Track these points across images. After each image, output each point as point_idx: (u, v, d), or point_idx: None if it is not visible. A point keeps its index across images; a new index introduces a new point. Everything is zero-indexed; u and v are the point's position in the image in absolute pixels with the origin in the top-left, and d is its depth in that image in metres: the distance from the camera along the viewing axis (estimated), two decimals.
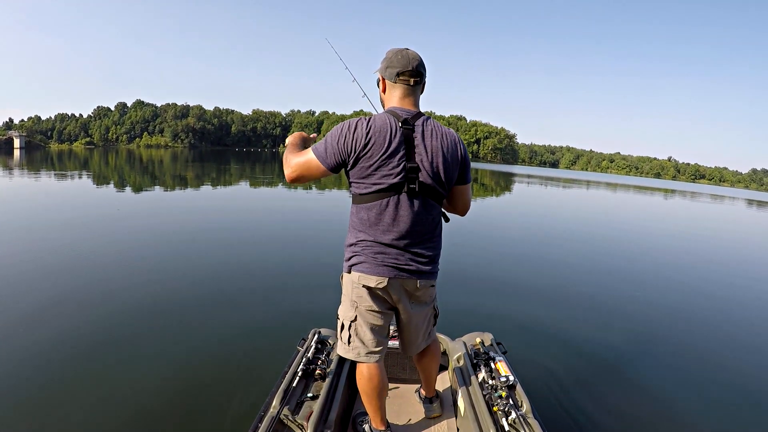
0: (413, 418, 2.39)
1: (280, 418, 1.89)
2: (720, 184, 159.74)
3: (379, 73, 1.89)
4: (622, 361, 4.07)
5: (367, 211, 1.81)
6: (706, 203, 33.70)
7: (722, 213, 25.63)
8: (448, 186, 1.87)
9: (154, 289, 5.09)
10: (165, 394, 3.06)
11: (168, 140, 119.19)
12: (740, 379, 3.85)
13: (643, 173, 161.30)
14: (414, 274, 1.87)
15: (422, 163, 1.78)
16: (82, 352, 3.52)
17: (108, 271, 5.70)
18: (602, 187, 42.35)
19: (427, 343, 2.15)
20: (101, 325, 4.03)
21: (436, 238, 1.93)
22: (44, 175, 19.76)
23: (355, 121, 1.78)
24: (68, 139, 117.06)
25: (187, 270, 5.96)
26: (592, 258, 8.41)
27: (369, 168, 1.75)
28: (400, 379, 2.73)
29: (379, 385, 1.99)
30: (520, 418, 1.85)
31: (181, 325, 4.18)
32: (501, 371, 2.20)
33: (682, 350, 4.40)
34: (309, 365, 2.25)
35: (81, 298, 4.66)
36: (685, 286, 7.03)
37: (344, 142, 1.75)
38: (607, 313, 5.33)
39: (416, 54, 1.85)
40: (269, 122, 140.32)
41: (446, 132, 1.85)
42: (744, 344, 4.67)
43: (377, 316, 1.92)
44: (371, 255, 1.84)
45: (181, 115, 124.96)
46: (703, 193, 55.42)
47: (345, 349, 1.98)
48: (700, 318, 5.45)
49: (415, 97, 1.87)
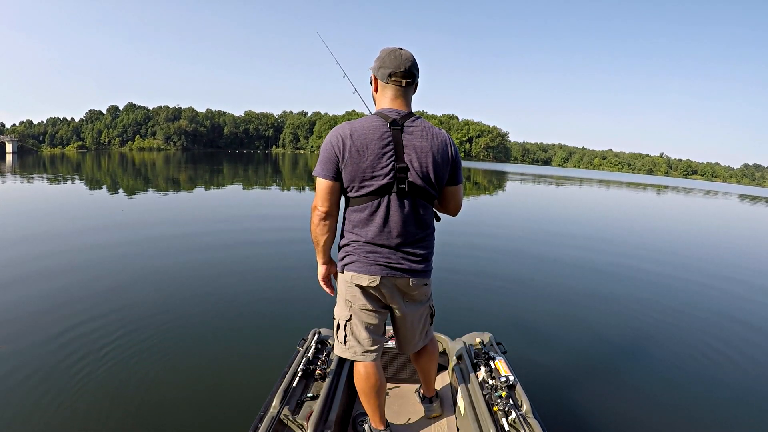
0: (413, 418, 2.39)
1: (281, 418, 1.89)
2: (712, 179, 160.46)
3: (372, 72, 1.89)
4: (623, 360, 4.09)
5: (359, 213, 1.83)
6: (699, 198, 33.89)
7: (717, 208, 25.77)
8: (438, 186, 1.88)
9: (154, 290, 5.08)
10: (165, 394, 3.07)
11: (160, 143, 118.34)
12: (741, 379, 3.86)
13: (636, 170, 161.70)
14: (406, 272, 1.88)
15: (411, 163, 1.79)
16: (83, 352, 3.51)
17: (108, 272, 5.68)
18: (596, 184, 42.50)
19: (425, 342, 2.16)
20: (101, 326, 4.01)
21: (428, 238, 1.93)
22: (41, 180, 19.57)
23: (339, 127, 1.81)
24: (60, 142, 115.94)
25: (186, 270, 5.95)
26: (592, 257, 8.42)
27: (358, 171, 1.76)
28: (399, 379, 2.74)
29: (377, 384, 2.00)
30: (520, 418, 1.86)
31: (182, 325, 4.17)
32: (501, 371, 2.21)
33: (682, 350, 4.40)
34: (309, 365, 2.25)
35: (81, 299, 4.64)
36: (686, 283, 7.02)
37: (331, 150, 1.77)
38: (608, 313, 5.34)
39: (409, 54, 1.84)
40: (261, 124, 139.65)
41: (437, 132, 1.85)
42: (745, 343, 4.66)
43: (372, 315, 1.93)
44: (363, 254, 1.85)
45: (173, 117, 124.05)
46: (695, 189, 55.77)
47: (341, 348, 1.99)
48: (701, 317, 5.43)
49: (406, 97, 1.87)
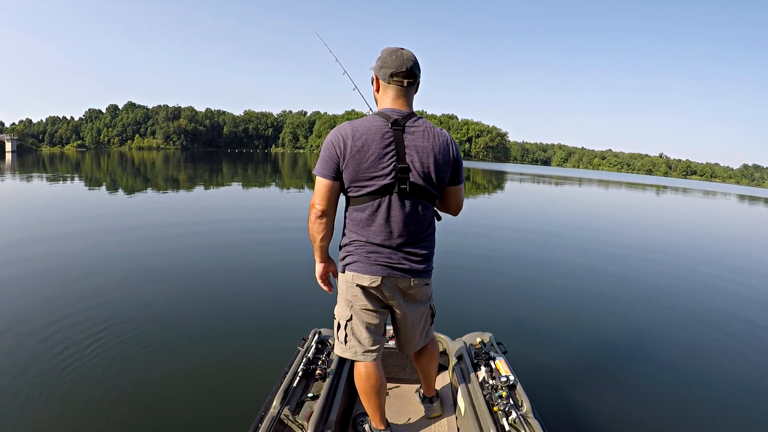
0: (413, 418, 2.39)
1: (281, 418, 1.89)
2: (711, 179, 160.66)
3: (373, 72, 1.89)
4: (623, 360, 4.09)
5: (360, 213, 1.82)
6: (699, 199, 33.90)
7: (716, 208, 25.77)
8: (439, 186, 1.87)
9: (154, 290, 5.08)
10: (165, 393, 3.07)
11: (160, 142, 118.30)
12: (741, 379, 3.86)
13: (635, 170, 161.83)
14: (407, 272, 1.88)
15: (413, 163, 1.78)
16: (82, 352, 3.50)
17: (108, 272, 5.68)
18: (595, 185, 42.51)
19: (425, 342, 2.16)
20: (101, 325, 4.01)
21: (429, 238, 1.93)
22: (40, 179, 19.58)
23: (341, 127, 1.80)
24: (60, 142, 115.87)
25: (186, 270, 5.95)
26: (592, 257, 8.43)
27: (359, 171, 1.76)
28: (400, 379, 2.74)
29: (377, 384, 2.00)
30: (520, 418, 1.86)
31: (181, 325, 4.17)
32: (501, 371, 2.21)
33: (683, 350, 4.40)
34: (309, 365, 2.25)
35: (81, 299, 4.64)
36: (687, 283, 7.03)
37: (332, 150, 1.77)
38: (608, 313, 5.34)
39: (411, 54, 1.84)
40: (261, 123, 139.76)
41: (438, 132, 1.85)
42: (746, 343, 4.65)
43: (372, 315, 1.93)
44: (364, 254, 1.85)
45: (172, 116, 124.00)
46: (695, 189, 55.82)
47: (342, 348, 1.99)
48: (702, 317, 5.43)
49: (408, 97, 1.87)
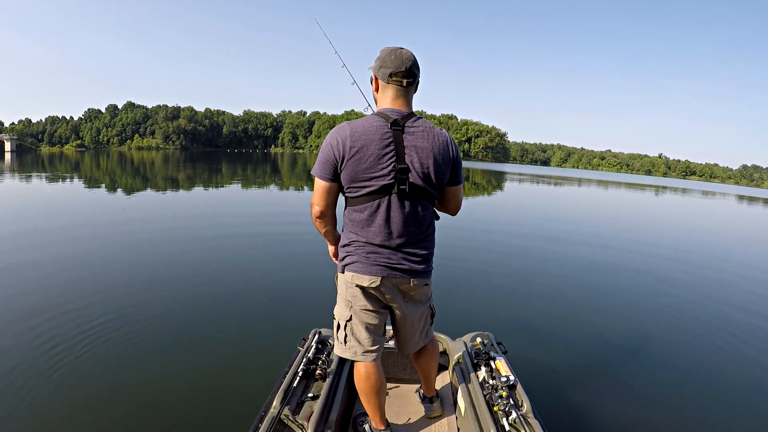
0: (413, 418, 2.39)
1: (281, 418, 1.89)
2: (711, 180, 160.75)
3: (373, 71, 1.89)
4: (623, 360, 4.09)
5: (359, 213, 1.82)
6: (698, 199, 33.91)
7: (716, 209, 25.78)
8: (439, 187, 1.87)
9: (154, 289, 5.08)
10: (165, 393, 3.07)
11: (159, 142, 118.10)
12: (741, 379, 3.86)
13: (635, 170, 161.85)
14: (407, 273, 1.87)
15: (412, 164, 1.78)
16: (82, 352, 3.50)
17: (108, 271, 5.68)
18: (594, 185, 42.54)
19: (425, 342, 2.16)
20: (101, 325, 4.01)
21: (428, 238, 1.93)
22: (40, 179, 19.59)
23: (339, 128, 1.80)
24: (59, 141, 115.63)
25: (186, 270, 5.94)
26: (592, 257, 8.43)
27: (358, 172, 1.76)
28: (400, 379, 2.74)
29: (377, 384, 1.99)
30: (520, 418, 1.86)
31: (181, 324, 4.17)
32: (501, 371, 2.21)
33: (683, 350, 4.40)
34: (309, 365, 2.25)
35: (81, 298, 4.63)
36: (687, 283, 7.03)
37: (330, 152, 1.76)
38: (608, 313, 5.35)
39: (410, 53, 1.83)
40: (260, 123, 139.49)
41: (438, 132, 1.84)
42: (746, 343, 4.66)
43: (372, 315, 1.93)
44: (364, 255, 1.85)
45: (172, 116, 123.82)
46: (694, 190, 55.84)
47: (342, 348, 1.99)
48: (702, 317, 5.43)
49: (407, 97, 1.86)
